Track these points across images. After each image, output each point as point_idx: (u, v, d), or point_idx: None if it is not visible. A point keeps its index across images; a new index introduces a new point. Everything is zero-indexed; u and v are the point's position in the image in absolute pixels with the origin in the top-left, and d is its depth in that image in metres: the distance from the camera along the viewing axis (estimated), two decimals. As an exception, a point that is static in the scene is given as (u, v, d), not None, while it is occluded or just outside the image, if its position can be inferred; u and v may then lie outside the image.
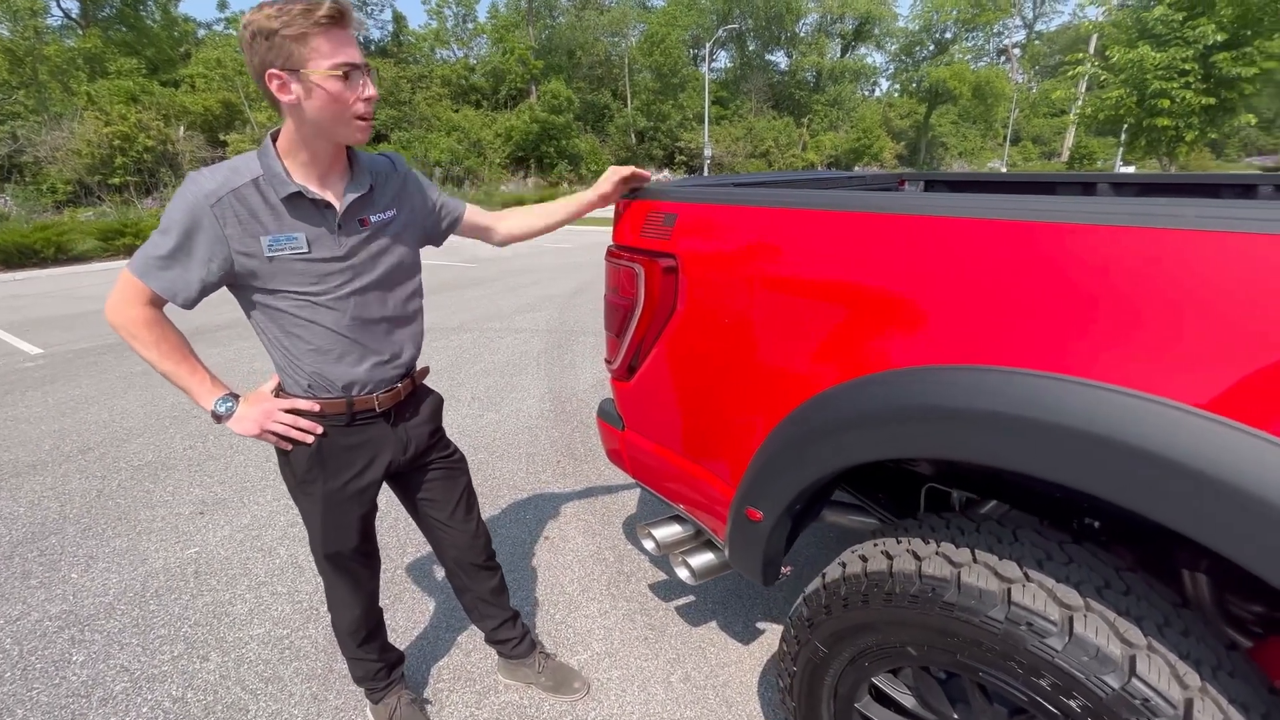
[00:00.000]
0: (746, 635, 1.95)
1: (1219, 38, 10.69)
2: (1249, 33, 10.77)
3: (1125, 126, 12.69)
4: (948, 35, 44.33)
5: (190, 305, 1.15)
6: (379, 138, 27.40)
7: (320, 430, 1.26)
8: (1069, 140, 37.39)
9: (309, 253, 1.16)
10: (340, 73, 1.04)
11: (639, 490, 2.82)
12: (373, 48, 33.49)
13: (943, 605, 0.99)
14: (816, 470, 1.13)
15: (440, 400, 1.50)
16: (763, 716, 1.66)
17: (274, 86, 1.04)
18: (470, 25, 36.38)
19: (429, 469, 1.47)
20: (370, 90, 1.10)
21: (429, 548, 1.62)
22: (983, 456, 0.88)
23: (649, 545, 1.70)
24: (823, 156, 37.00)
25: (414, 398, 1.42)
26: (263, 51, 1.02)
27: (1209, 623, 0.95)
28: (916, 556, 1.07)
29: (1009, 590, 0.94)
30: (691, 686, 1.76)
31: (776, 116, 38.14)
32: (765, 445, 1.25)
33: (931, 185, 2.63)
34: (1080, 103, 14.41)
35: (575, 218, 1.61)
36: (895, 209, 0.99)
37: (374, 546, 1.47)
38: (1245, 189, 1.97)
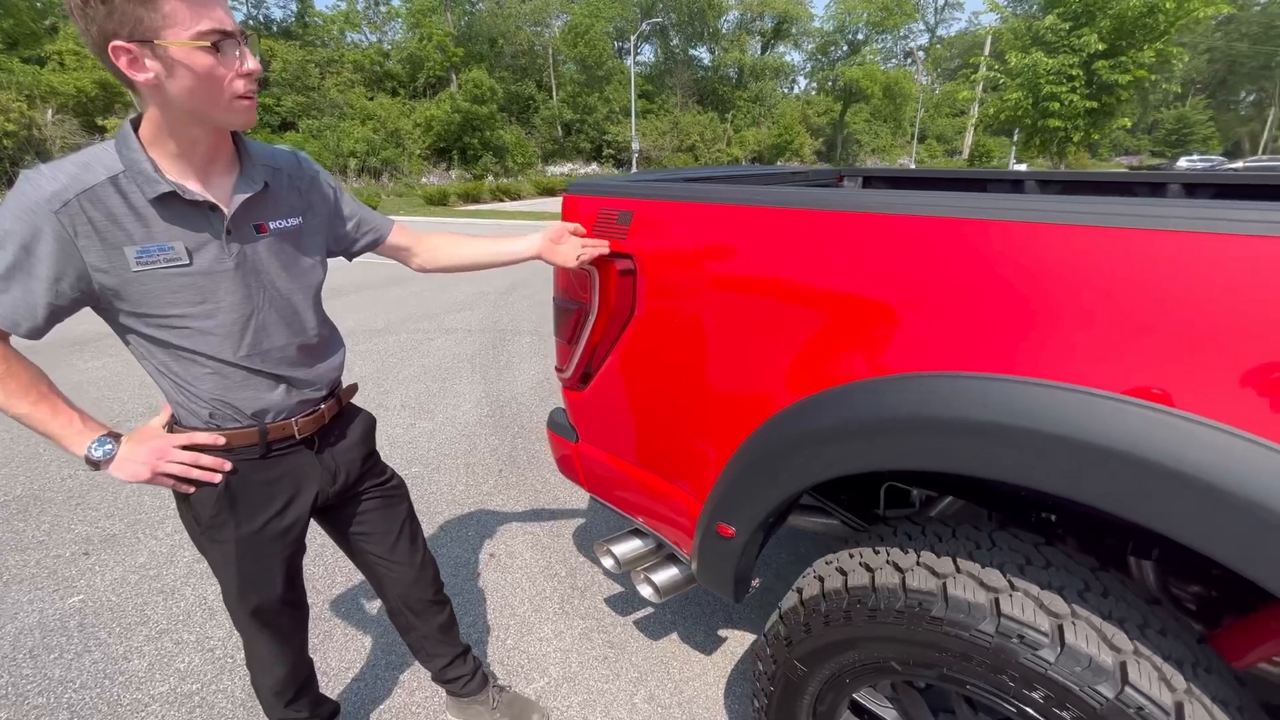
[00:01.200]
0: (708, 645, 1.89)
1: (1100, 47, 11.77)
2: (1124, 44, 11.90)
3: (1021, 127, 13.73)
4: (859, 37, 46.42)
5: (37, 335, 0.94)
6: (285, 125, 25.50)
7: (229, 467, 1.08)
8: (969, 139, 40.19)
9: (190, 265, 0.96)
10: (208, 43, 0.85)
11: (588, 498, 2.71)
12: (274, 28, 31.10)
13: (930, 620, 0.96)
14: (796, 484, 1.07)
15: (372, 421, 1.34)
16: (731, 730, 1.61)
17: (122, 63, 0.83)
18: (383, 8, 34.54)
19: (362, 499, 1.30)
20: (251, 63, 0.90)
21: (361, 574, 1.43)
22: (997, 471, 0.83)
23: (608, 563, 1.60)
24: (746, 152, 37.84)
25: (341, 419, 1.25)
26: (100, 18, 0.81)
27: (1178, 618, 0.96)
28: (899, 569, 1.04)
29: (997, 601, 0.92)
30: (656, 706, 1.68)
31: (702, 111, 38.64)
32: (738, 458, 1.18)
33: (870, 181, 2.66)
34: (983, 103, 15.44)
35: (504, 264, 1.41)
36: (878, 208, 0.94)
37: (301, 593, 1.29)
38: (1155, 187, 2.09)
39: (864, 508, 1.54)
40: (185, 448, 1.06)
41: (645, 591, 1.54)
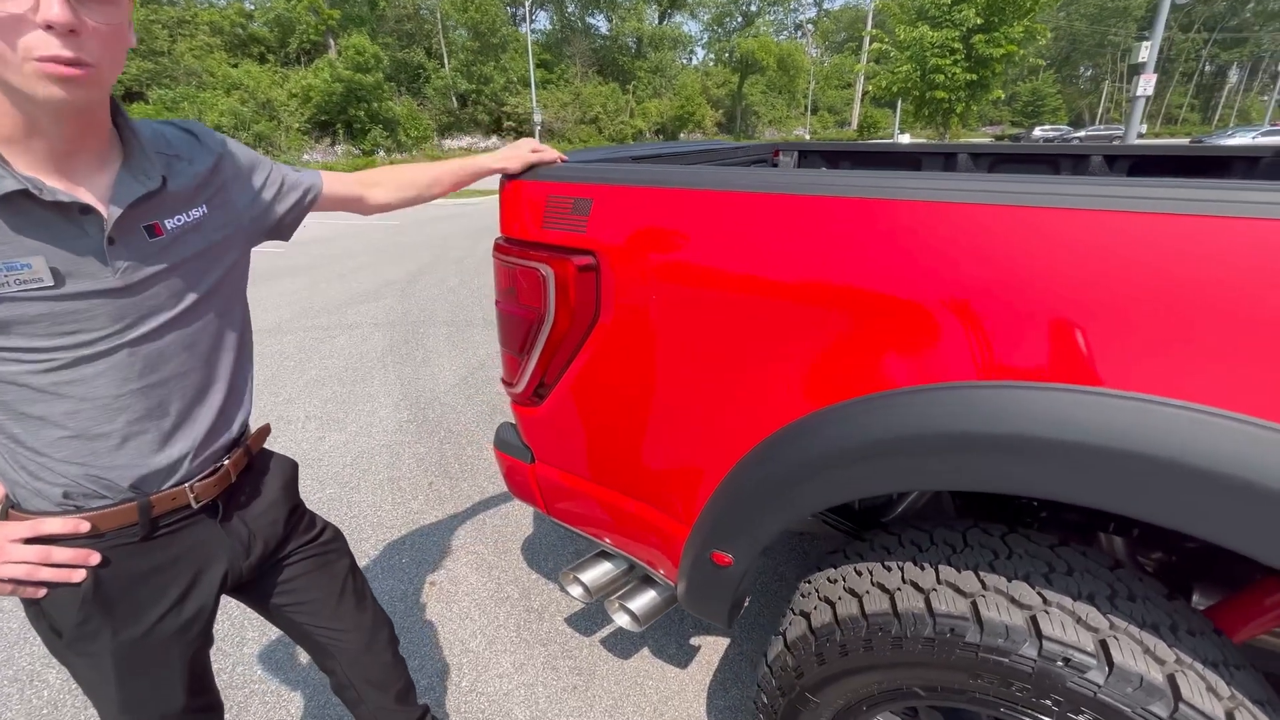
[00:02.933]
0: (682, 658, 1.79)
1: (977, 21, 12.58)
2: (997, 19, 12.79)
3: (910, 98, 14.51)
4: (753, 8, 47.16)
5: None
6: (131, 95, 22.25)
7: (96, 559, 0.80)
8: (856, 111, 42.29)
9: (56, 287, 0.71)
10: None
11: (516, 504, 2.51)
12: (106, -18, 26.75)
13: (964, 646, 0.88)
14: (814, 506, 0.95)
15: (293, 468, 1.09)
16: (718, 750, 1.52)
17: None
18: (240, -39, 30.70)
19: (287, 564, 1.05)
20: (55, 10, 0.61)
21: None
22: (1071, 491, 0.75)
23: (576, 592, 1.44)
24: (650, 124, 37.61)
25: (252, 473, 1.00)
26: None
27: (1194, 611, 0.94)
28: (919, 588, 0.95)
29: (1034, 619, 0.85)
30: (637, 735, 1.56)
31: (603, 82, 37.86)
32: (734, 480, 1.04)
33: (805, 156, 2.59)
34: (875, 76, 16.15)
35: (463, 185, 1.28)
36: (895, 194, 0.81)
37: (213, 695, 1.02)
38: (1078, 159, 2.15)
39: (844, 508, 1.47)
40: (30, 540, 0.78)
41: (622, 621, 1.40)
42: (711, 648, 1.82)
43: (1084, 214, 0.73)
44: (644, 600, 1.40)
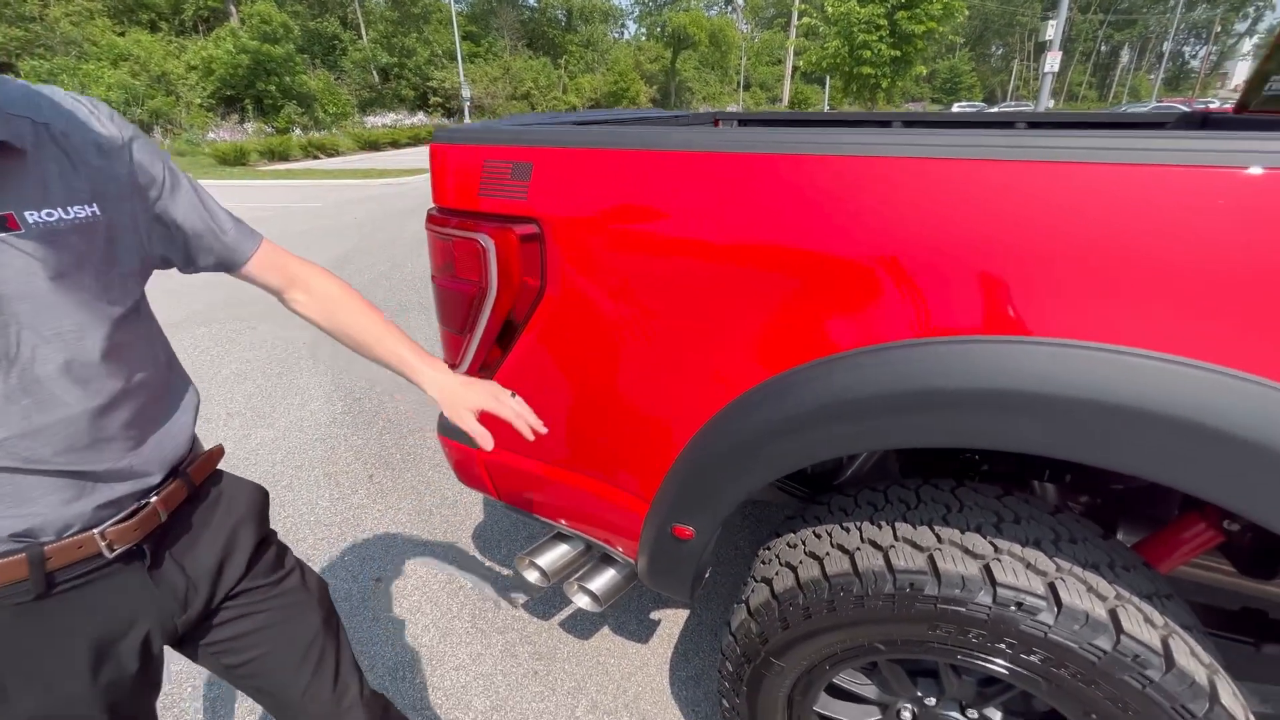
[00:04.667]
0: (643, 632, 1.78)
1: (900, -2, 12.94)
2: (918, -3, 13.20)
3: (840, 73, 14.84)
4: (684, -19, 46.69)
5: None
6: (0, 66, 19.82)
7: None
8: (787, 87, 42.96)
9: None
10: None
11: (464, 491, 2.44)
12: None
13: (923, 599, 0.90)
14: (771, 472, 0.94)
15: (258, 498, 0.91)
16: (684, 718, 1.53)
17: None
18: (119, -83, 27.64)
19: (237, 616, 0.85)
20: None
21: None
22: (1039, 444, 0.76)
23: (533, 577, 1.40)
24: (584, 99, 36.88)
25: (195, 507, 0.82)
26: None
27: (1127, 549, 0.99)
28: (878, 546, 0.96)
29: (988, 568, 0.87)
30: (601, 714, 1.54)
31: (533, 56, 36.74)
32: (692, 452, 1.02)
33: (745, 125, 2.57)
34: (805, 52, 16.37)
35: (387, 363, 0.94)
36: (863, 150, 0.80)
37: None
38: (1006, 125, 2.23)
39: (798, 474, 1.48)
40: None
41: (582, 602, 1.37)
42: (672, 621, 1.83)
43: (1014, 165, 0.74)
44: (603, 580, 1.37)
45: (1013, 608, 0.84)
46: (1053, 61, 11.19)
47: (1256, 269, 0.65)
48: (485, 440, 0.93)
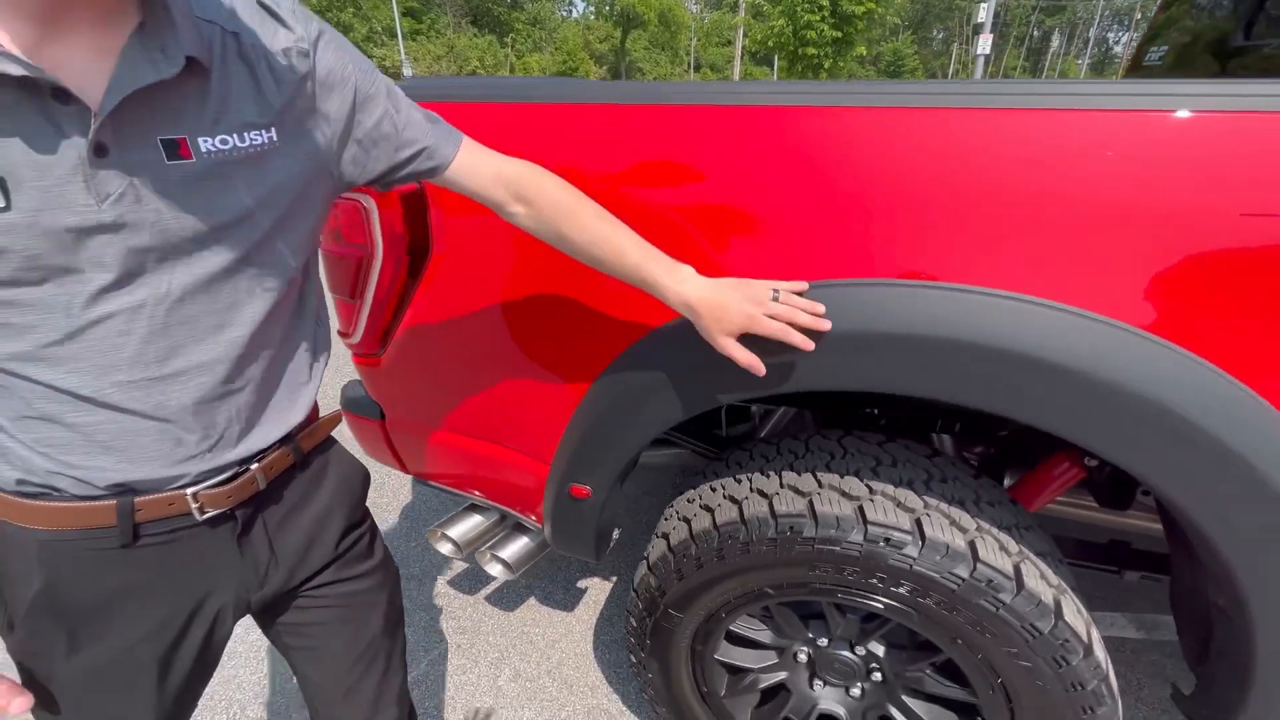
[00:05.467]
0: (569, 600, 1.80)
1: (841, -24, 13.10)
2: (858, -24, 13.40)
3: (784, 54, 14.98)
4: (631, -42, 46.01)
5: None
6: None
7: (23, 706, 0.60)
8: (737, 68, 43.12)
9: (5, 211, 0.47)
10: None
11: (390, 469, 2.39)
12: None
13: (802, 541, 0.93)
14: (659, 424, 0.95)
15: (360, 478, 0.84)
16: (606, 684, 1.55)
17: None
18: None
19: (311, 605, 0.78)
20: None
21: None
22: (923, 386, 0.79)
23: (445, 549, 1.39)
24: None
25: (297, 478, 0.74)
26: None
27: (993, 485, 1.05)
28: (764, 494, 0.99)
29: (861, 509, 0.91)
30: (524, 682, 1.55)
31: (478, 34, 35.71)
32: (585, 408, 1.02)
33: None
34: (748, 32, 16.44)
35: (620, 278, 0.80)
36: (748, 99, 0.80)
37: None
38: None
39: (707, 431, 1.51)
40: None
41: (495, 571, 1.36)
42: (599, 589, 1.84)
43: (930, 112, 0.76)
44: (515, 547, 1.37)
45: (881, 543, 0.88)
46: (985, 44, 11.58)
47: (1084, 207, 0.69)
48: (757, 367, 0.77)
